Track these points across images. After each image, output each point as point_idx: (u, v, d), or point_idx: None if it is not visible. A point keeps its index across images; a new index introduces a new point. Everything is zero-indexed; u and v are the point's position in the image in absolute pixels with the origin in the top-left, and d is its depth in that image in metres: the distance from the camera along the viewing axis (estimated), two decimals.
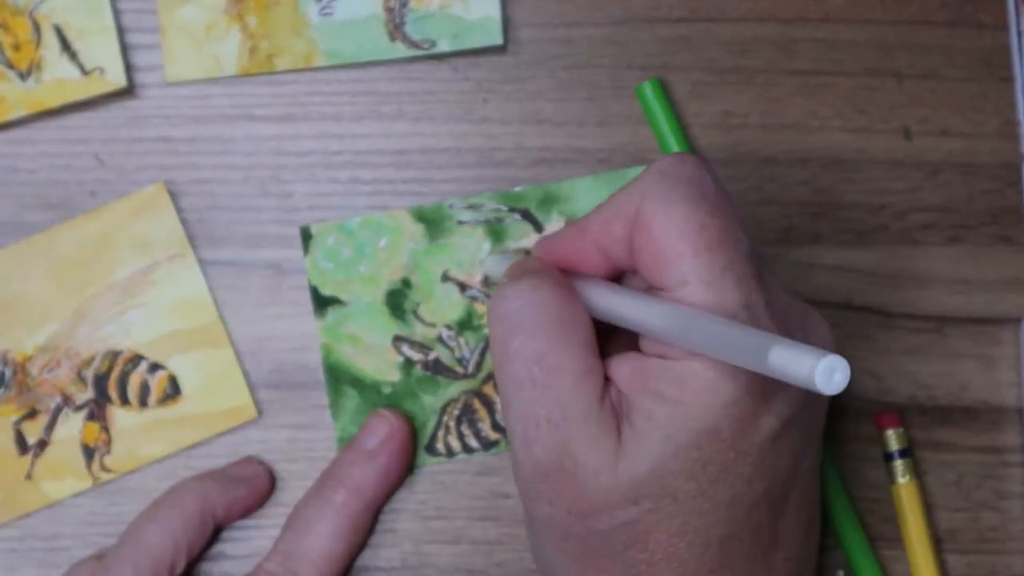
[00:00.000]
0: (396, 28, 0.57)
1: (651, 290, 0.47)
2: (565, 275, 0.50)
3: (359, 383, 0.56)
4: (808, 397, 0.47)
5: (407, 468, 0.56)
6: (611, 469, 0.46)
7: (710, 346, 0.43)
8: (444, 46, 0.57)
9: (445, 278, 0.57)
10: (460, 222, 0.57)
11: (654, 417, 0.45)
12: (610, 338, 0.50)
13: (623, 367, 0.47)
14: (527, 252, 0.57)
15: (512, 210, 0.57)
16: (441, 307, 0.57)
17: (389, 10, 0.57)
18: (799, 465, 0.48)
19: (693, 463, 0.45)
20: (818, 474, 0.52)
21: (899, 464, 0.56)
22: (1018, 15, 0.58)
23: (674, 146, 0.57)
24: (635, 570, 0.47)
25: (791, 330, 0.47)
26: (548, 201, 0.57)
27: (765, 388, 0.45)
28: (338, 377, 0.56)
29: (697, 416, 0.45)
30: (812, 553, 0.52)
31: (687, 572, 0.46)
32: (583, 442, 0.46)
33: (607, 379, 0.48)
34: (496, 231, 0.57)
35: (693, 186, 0.47)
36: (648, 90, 0.57)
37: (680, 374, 0.45)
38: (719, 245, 0.46)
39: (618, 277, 0.50)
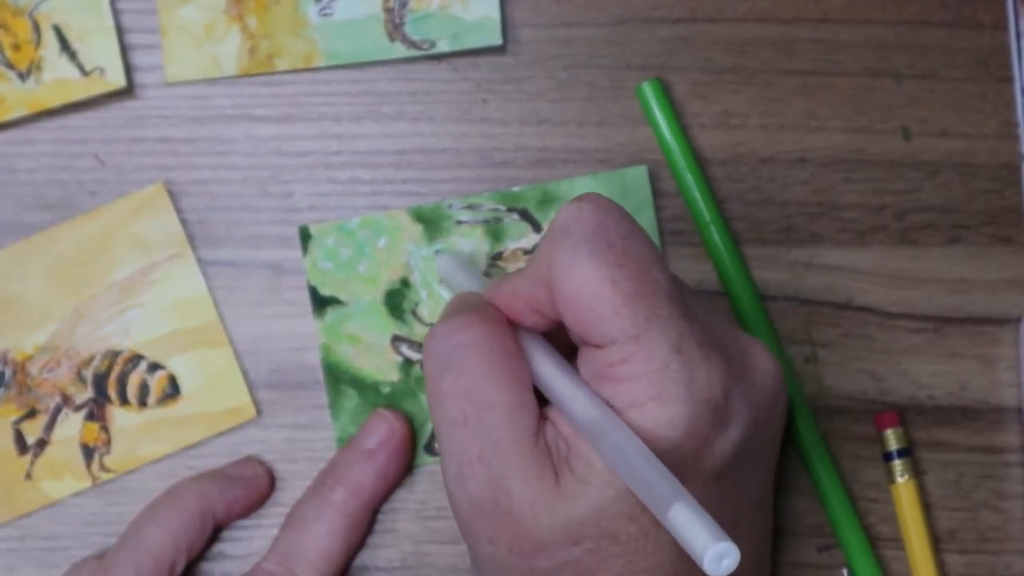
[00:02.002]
0: (395, 28, 0.57)
1: (585, 346, 0.47)
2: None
3: (358, 383, 0.56)
4: (750, 433, 0.47)
5: (406, 468, 0.56)
6: (548, 508, 0.45)
7: (618, 469, 0.43)
8: (443, 46, 0.57)
9: None
10: (459, 222, 0.57)
11: (593, 464, 0.45)
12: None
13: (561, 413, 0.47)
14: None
15: (511, 210, 0.57)
16: (440, 307, 0.57)
17: (388, 10, 0.57)
18: (744, 499, 0.48)
19: (633, 507, 0.45)
20: (769, 507, 0.51)
21: (898, 464, 0.56)
22: (1017, 15, 0.58)
23: (674, 146, 0.57)
24: None
25: (731, 363, 0.46)
26: (547, 201, 0.57)
27: (706, 431, 0.45)
28: (337, 377, 0.56)
29: None
30: None
31: None
32: (517, 478, 0.46)
33: (545, 419, 0.47)
34: (495, 231, 0.57)
35: (596, 239, 0.45)
36: (648, 90, 0.57)
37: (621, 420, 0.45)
38: (636, 296, 0.45)
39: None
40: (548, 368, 0.48)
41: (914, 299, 0.57)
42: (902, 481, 0.56)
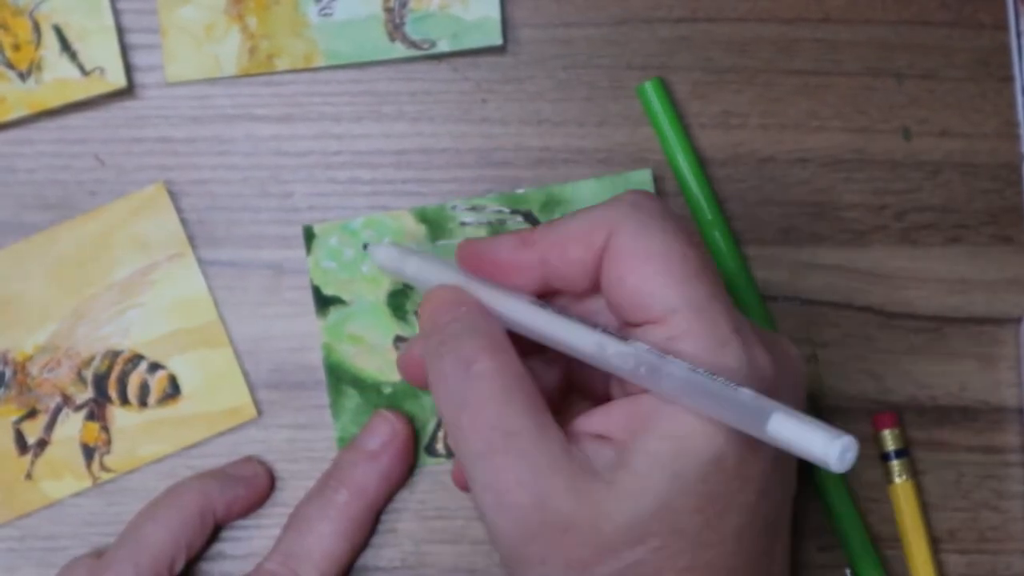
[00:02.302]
0: (396, 28, 0.57)
1: (623, 326, 0.47)
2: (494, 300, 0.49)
3: (360, 383, 0.56)
4: (797, 403, 0.47)
5: (408, 469, 0.56)
6: (608, 513, 0.45)
7: (695, 400, 0.43)
8: (444, 46, 0.57)
9: None
10: (462, 223, 0.57)
11: (659, 457, 0.45)
12: (564, 399, 0.50)
13: (613, 416, 0.47)
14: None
15: (514, 212, 0.57)
16: None
17: (389, 10, 0.57)
18: (787, 489, 0.49)
19: (700, 497, 0.45)
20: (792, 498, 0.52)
21: (896, 464, 0.56)
22: (1017, 15, 0.58)
23: (675, 146, 0.57)
24: None
25: (775, 353, 0.47)
26: (551, 203, 0.57)
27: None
28: (339, 377, 0.56)
29: (704, 448, 0.44)
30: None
31: None
32: (564, 495, 0.45)
33: (571, 436, 0.47)
34: (498, 232, 0.57)
35: (667, 220, 0.47)
36: (649, 89, 0.57)
37: (678, 409, 0.45)
38: (704, 273, 0.46)
39: (540, 296, 0.50)
40: (569, 325, 0.47)
41: (914, 299, 0.57)
42: (900, 481, 0.56)
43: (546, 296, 0.50)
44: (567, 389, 0.52)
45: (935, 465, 0.57)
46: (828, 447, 0.39)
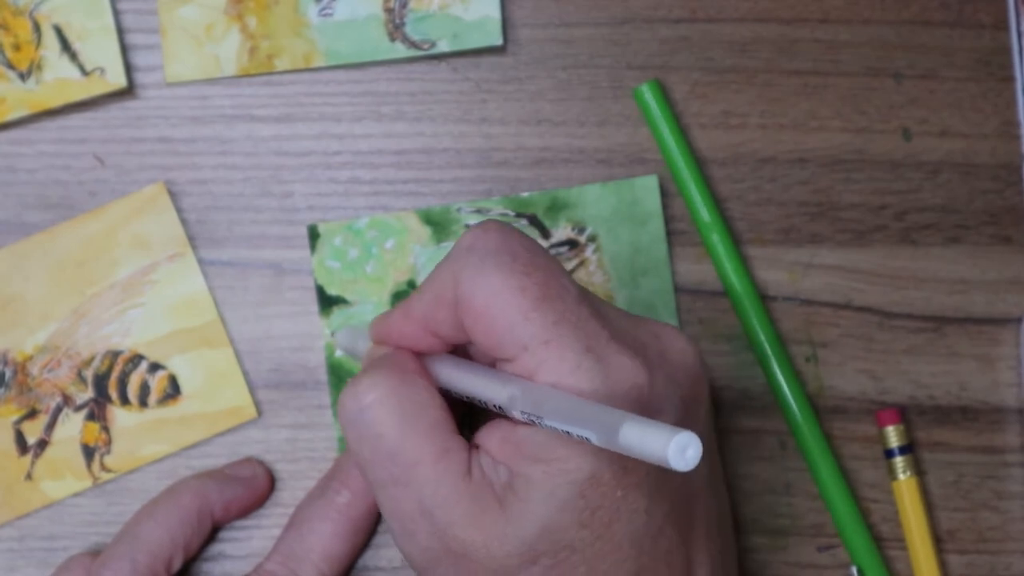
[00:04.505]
0: (396, 28, 0.57)
1: (495, 362, 0.47)
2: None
3: None
4: (681, 415, 0.47)
5: None
6: (500, 539, 0.45)
7: (563, 423, 0.43)
8: (444, 46, 0.57)
9: None
10: (467, 226, 0.57)
11: (532, 480, 0.45)
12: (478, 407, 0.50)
13: (493, 437, 0.47)
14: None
15: (519, 215, 0.57)
16: None
17: (389, 10, 0.57)
18: (694, 483, 0.48)
19: (581, 512, 0.45)
20: (719, 477, 0.52)
21: (899, 461, 0.56)
22: (1018, 15, 0.58)
23: (673, 148, 0.57)
24: None
25: (647, 351, 0.47)
26: (556, 208, 0.57)
27: (645, 406, 0.45)
28: (340, 376, 0.56)
29: (575, 468, 0.45)
30: (732, 557, 0.52)
31: None
32: (462, 522, 0.46)
33: (476, 447, 0.47)
34: None
35: (502, 253, 0.46)
36: (646, 92, 0.57)
37: (547, 435, 0.45)
38: (545, 300, 0.45)
39: (462, 348, 0.50)
40: (455, 372, 0.48)
41: (914, 299, 0.57)
42: (904, 478, 0.56)
43: (456, 351, 0.50)
44: None
45: (935, 465, 0.57)
46: (666, 447, 0.38)
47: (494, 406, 0.47)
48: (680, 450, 0.38)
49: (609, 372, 0.45)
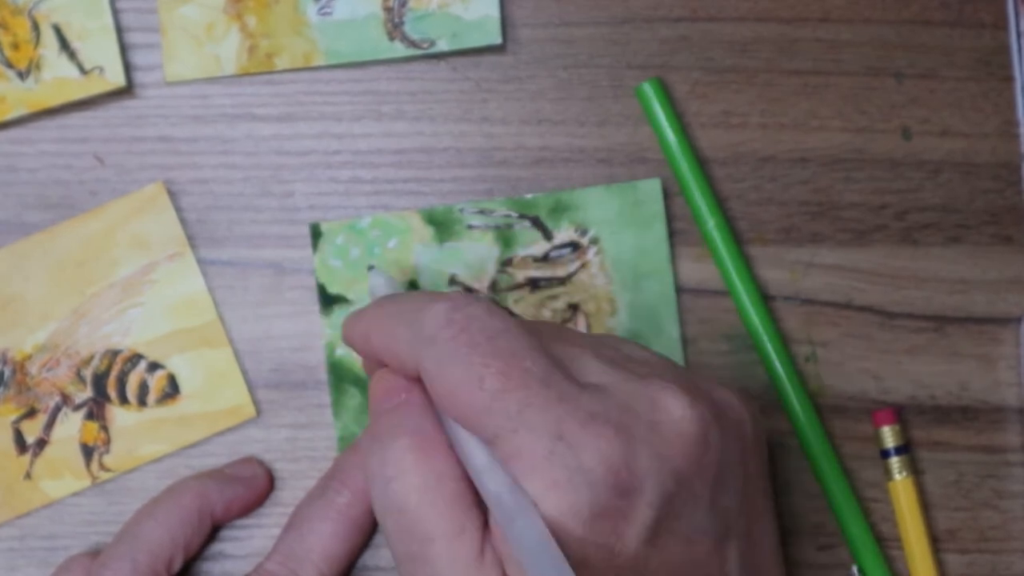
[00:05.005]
0: (395, 28, 0.57)
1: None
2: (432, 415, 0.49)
3: (362, 383, 0.56)
4: (677, 487, 0.46)
5: None
6: None
7: (518, 558, 0.43)
8: (443, 46, 0.57)
9: (453, 282, 0.57)
10: (470, 226, 0.57)
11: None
12: None
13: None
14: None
15: (522, 217, 0.57)
16: None
17: (388, 10, 0.57)
18: (719, 526, 0.47)
19: None
20: (769, 508, 0.50)
21: (895, 461, 0.56)
22: (1018, 15, 0.58)
23: (675, 147, 0.57)
24: None
25: (631, 427, 0.45)
26: (559, 209, 0.57)
27: (616, 504, 0.44)
28: (341, 376, 0.56)
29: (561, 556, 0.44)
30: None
31: None
32: None
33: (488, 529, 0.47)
34: (506, 237, 0.57)
35: (460, 342, 0.46)
36: (648, 90, 0.57)
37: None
38: (505, 391, 0.45)
39: None
40: (469, 449, 0.47)
41: (914, 299, 0.57)
42: (900, 478, 0.56)
43: None
44: None
45: (935, 465, 0.57)
46: None
47: None
48: None
49: (582, 457, 0.44)
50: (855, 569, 0.56)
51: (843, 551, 0.56)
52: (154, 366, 0.56)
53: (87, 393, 0.56)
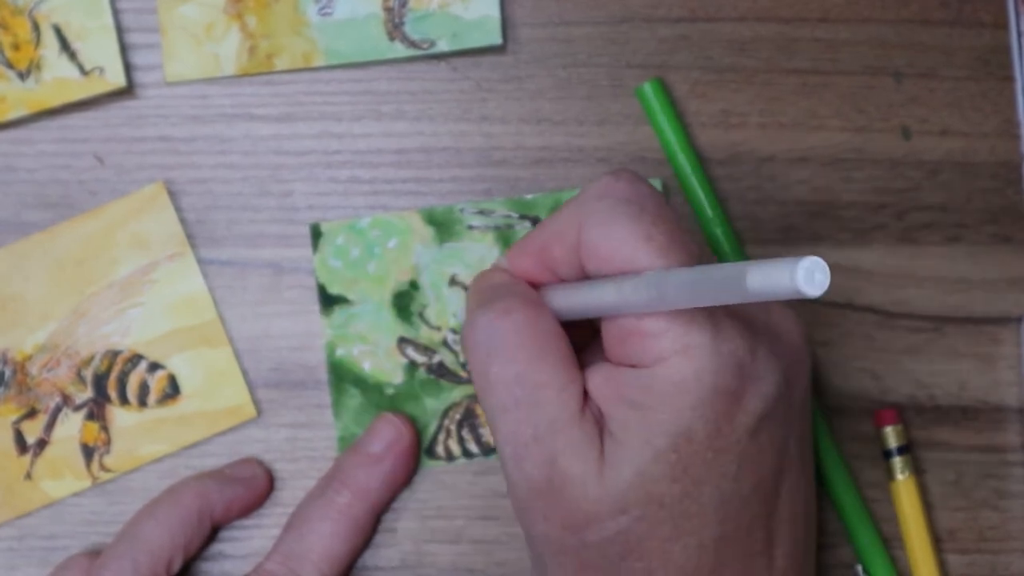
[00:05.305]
0: (395, 28, 0.57)
1: None
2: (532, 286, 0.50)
3: (362, 383, 0.56)
4: (782, 389, 0.47)
5: (411, 473, 0.56)
6: (597, 479, 0.46)
7: (688, 296, 0.43)
8: (443, 46, 0.57)
9: (453, 282, 0.57)
10: (470, 227, 0.57)
11: (629, 425, 0.46)
12: (583, 352, 0.50)
13: (595, 379, 0.48)
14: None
15: (523, 217, 0.57)
16: (447, 311, 0.57)
17: (388, 10, 0.57)
18: (784, 457, 0.48)
19: (673, 466, 0.45)
20: (810, 466, 0.52)
21: (897, 461, 0.56)
22: (1018, 14, 0.58)
23: (676, 147, 0.57)
24: None
25: (755, 320, 0.47)
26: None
27: (734, 385, 0.46)
28: (341, 376, 0.56)
29: (670, 420, 0.45)
30: (811, 548, 0.52)
31: None
32: (569, 453, 0.46)
33: (586, 392, 0.48)
34: (506, 237, 0.57)
35: (632, 203, 0.47)
36: (648, 90, 0.57)
37: (648, 381, 0.46)
38: (670, 250, 0.46)
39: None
40: (582, 292, 0.48)
41: (914, 298, 0.57)
42: (902, 478, 0.56)
43: None
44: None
45: (935, 464, 0.57)
46: (793, 275, 0.37)
47: (613, 305, 0.46)
48: (809, 274, 0.38)
49: (718, 332, 0.45)
50: (859, 569, 0.56)
51: (844, 551, 0.56)
52: (154, 366, 0.56)
53: (87, 393, 0.56)
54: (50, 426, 0.56)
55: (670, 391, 0.45)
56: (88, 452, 0.56)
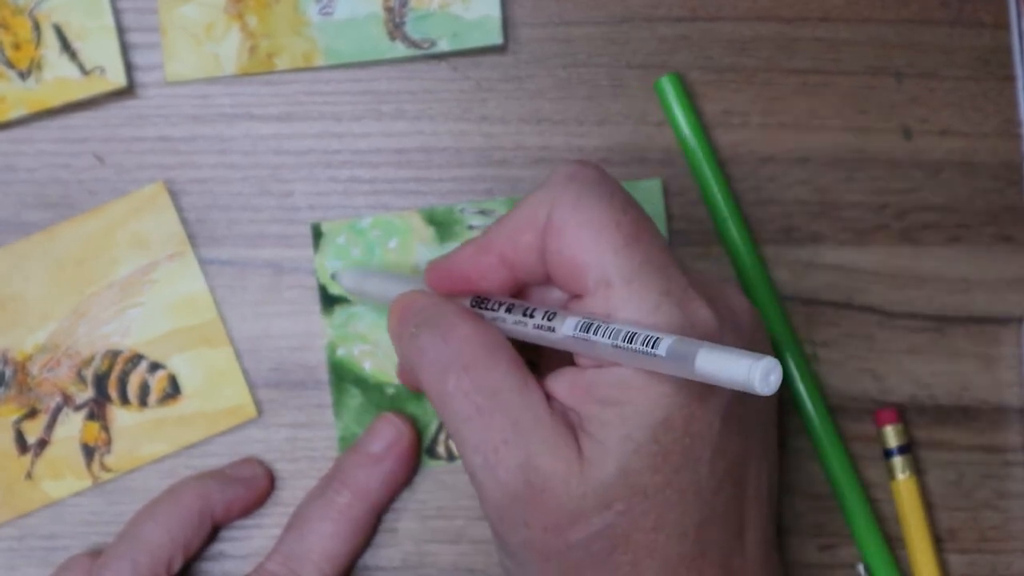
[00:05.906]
0: (396, 27, 0.57)
1: (570, 299, 0.48)
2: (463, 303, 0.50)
3: (363, 383, 0.56)
4: None
5: (411, 473, 0.56)
6: (578, 475, 0.46)
7: (623, 358, 0.44)
8: (444, 45, 0.57)
9: None
10: (470, 227, 0.57)
11: (607, 422, 0.46)
12: (539, 359, 0.50)
13: (560, 383, 0.48)
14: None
15: None
16: None
17: (389, 9, 0.57)
18: (750, 437, 0.49)
19: (654, 456, 0.46)
20: (773, 446, 0.52)
21: (898, 460, 0.56)
22: (1019, 14, 0.58)
23: (693, 142, 0.56)
24: (621, 573, 0.47)
25: (717, 305, 0.47)
26: None
27: None
28: (342, 376, 0.56)
29: (648, 411, 0.45)
30: (774, 534, 0.52)
31: (669, 565, 0.47)
32: (545, 452, 0.46)
33: (547, 395, 0.48)
34: None
35: (602, 187, 0.47)
36: (667, 84, 0.57)
37: (620, 377, 0.46)
38: (636, 240, 0.46)
39: (518, 294, 0.50)
40: (518, 322, 0.49)
41: (915, 298, 0.57)
42: (902, 478, 0.56)
43: (519, 294, 0.50)
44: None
45: (936, 465, 0.57)
46: (750, 372, 0.40)
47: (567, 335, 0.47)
48: (764, 373, 0.39)
49: (686, 317, 0.46)
50: (861, 568, 0.56)
51: (845, 551, 0.56)
52: (155, 366, 0.56)
53: (88, 393, 0.56)
54: (51, 426, 0.56)
55: (644, 384, 0.45)
56: (88, 452, 0.56)
